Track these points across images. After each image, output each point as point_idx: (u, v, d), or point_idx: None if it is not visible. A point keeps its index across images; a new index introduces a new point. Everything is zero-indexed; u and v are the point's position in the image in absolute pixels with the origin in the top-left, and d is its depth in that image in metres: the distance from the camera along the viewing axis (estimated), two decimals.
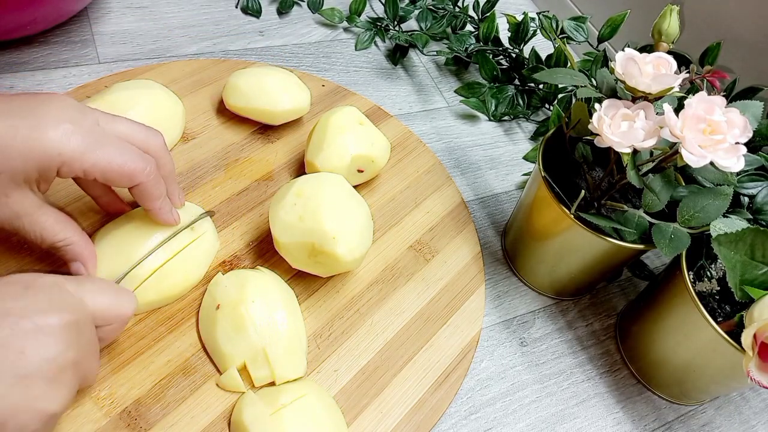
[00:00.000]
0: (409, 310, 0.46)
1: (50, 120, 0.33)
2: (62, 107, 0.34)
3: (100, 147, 0.34)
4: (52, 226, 0.36)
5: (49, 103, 0.34)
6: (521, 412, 0.45)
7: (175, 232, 0.41)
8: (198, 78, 0.56)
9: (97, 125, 0.35)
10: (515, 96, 0.65)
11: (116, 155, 0.35)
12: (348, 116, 0.49)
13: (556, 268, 0.48)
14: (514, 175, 0.60)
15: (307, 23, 0.68)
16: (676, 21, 0.42)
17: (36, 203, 0.35)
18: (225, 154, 0.52)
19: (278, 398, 0.37)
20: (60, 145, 0.33)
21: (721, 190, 0.40)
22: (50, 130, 0.32)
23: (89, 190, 0.41)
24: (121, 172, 0.35)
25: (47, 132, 0.32)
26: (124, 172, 0.35)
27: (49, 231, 0.36)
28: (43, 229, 0.35)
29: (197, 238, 0.42)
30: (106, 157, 0.34)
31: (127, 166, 0.35)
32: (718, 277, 0.43)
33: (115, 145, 0.35)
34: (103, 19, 0.60)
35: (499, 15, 0.66)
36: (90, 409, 0.37)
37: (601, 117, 0.38)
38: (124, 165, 0.35)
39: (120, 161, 0.35)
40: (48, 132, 0.32)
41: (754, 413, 0.49)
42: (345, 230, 0.41)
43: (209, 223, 0.44)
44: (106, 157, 0.34)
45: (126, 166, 0.35)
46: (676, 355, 0.43)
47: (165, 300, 0.41)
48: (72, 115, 0.34)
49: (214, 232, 0.45)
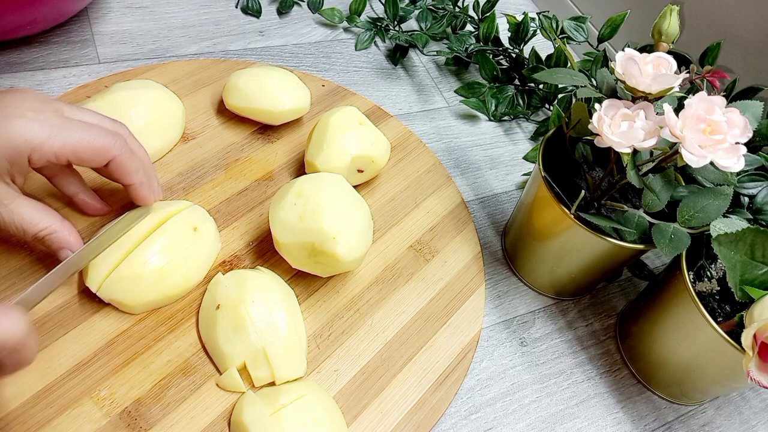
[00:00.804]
0: (409, 310, 0.46)
1: (12, 111, 0.33)
2: (23, 98, 0.34)
3: (67, 129, 0.34)
4: (30, 215, 0.35)
5: (9, 97, 0.34)
6: (521, 412, 0.45)
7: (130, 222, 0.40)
8: (198, 78, 0.56)
9: (61, 113, 0.35)
10: (515, 96, 0.65)
11: (84, 133, 0.35)
12: (348, 116, 0.49)
13: (556, 268, 0.48)
14: (514, 175, 0.60)
15: (307, 23, 0.68)
16: (676, 21, 0.42)
17: (11, 194, 0.34)
18: (225, 154, 0.52)
19: (278, 398, 0.37)
20: (26, 131, 0.33)
21: (721, 190, 0.40)
22: (14, 119, 0.33)
23: (64, 186, 0.40)
24: (93, 147, 0.35)
25: (12, 121, 0.32)
26: (96, 146, 0.35)
27: (28, 221, 0.35)
28: (23, 220, 0.35)
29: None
30: (75, 136, 0.34)
31: (96, 140, 0.35)
32: (718, 277, 0.43)
33: (81, 126, 0.35)
34: (103, 19, 0.60)
35: (499, 15, 0.66)
36: (90, 409, 0.37)
37: (601, 117, 0.38)
38: (94, 140, 0.35)
39: (89, 137, 0.35)
40: (12, 121, 0.33)
41: (754, 413, 0.49)
42: (345, 230, 0.41)
43: (212, 224, 0.44)
44: (75, 136, 0.34)
45: (96, 141, 0.35)
46: (676, 355, 0.43)
47: (165, 300, 0.41)
48: (34, 105, 0.34)
49: (216, 232, 0.45)
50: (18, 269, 0.41)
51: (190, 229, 0.42)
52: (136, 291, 0.39)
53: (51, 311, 0.40)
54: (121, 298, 0.39)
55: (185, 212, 0.43)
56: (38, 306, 0.40)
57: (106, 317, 0.40)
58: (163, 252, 0.40)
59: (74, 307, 0.40)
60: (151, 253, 0.39)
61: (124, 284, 0.39)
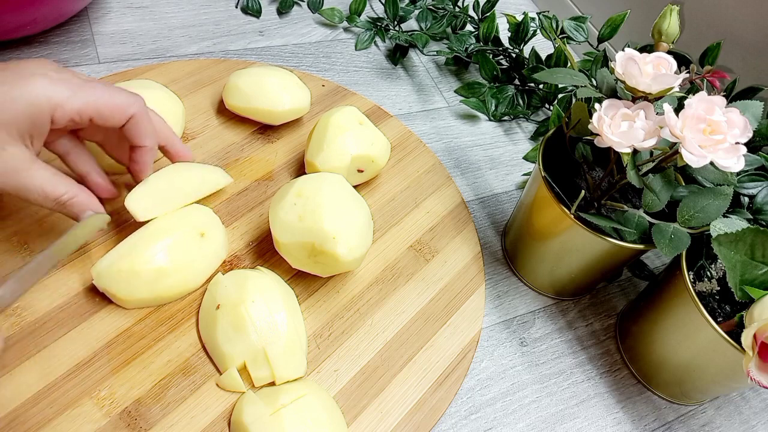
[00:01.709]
0: (409, 310, 0.46)
1: (33, 71, 0.34)
2: (42, 63, 0.35)
3: (88, 88, 0.35)
4: (50, 179, 0.35)
5: (28, 62, 0.35)
6: (521, 412, 0.45)
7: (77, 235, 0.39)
8: (198, 78, 0.56)
9: (79, 76, 0.36)
10: (515, 96, 0.65)
11: (105, 91, 0.36)
12: (348, 116, 0.49)
13: (556, 268, 0.48)
14: (514, 175, 0.60)
15: (307, 23, 0.68)
16: (676, 21, 0.42)
17: (31, 157, 0.35)
18: (225, 154, 0.52)
19: (278, 398, 0.37)
20: (48, 89, 0.33)
21: (721, 190, 0.40)
22: (36, 77, 0.33)
23: (78, 165, 0.40)
24: (114, 104, 0.36)
25: (34, 80, 0.33)
26: (117, 103, 0.36)
27: (49, 184, 0.35)
28: (43, 183, 0.35)
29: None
30: (96, 94, 0.35)
31: (117, 97, 0.36)
32: (718, 277, 0.43)
33: (101, 86, 0.36)
34: (103, 19, 0.60)
35: (499, 15, 0.66)
36: (90, 409, 0.37)
37: (601, 117, 0.38)
38: (115, 97, 0.36)
39: (110, 94, 0.36)
40: (35, 80, 0.33)
41: (754, 413, 0.49)
42: (345, 230, 0.41)
43: (220, 233, 0.44)
44: (97, 93, 0.35)
45: (117, 98, 0.36)
46: (676, 355, 0.43)
47: (159, 300, 0.41)
48: (53, 67, 0.35)
49: (222, 241, 0.44)
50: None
51: (197, 234, 0.42)
52: (131, 286, 0.39)
53: (51, 311, 0.40)
54: (114, 291, 0.39)
55: (197, 216, 0.43)
56: (38, 306, 0.40)
57: (106, 317, 0.40)
58: (165, 253, 0.40)
59: (74, 307, 0.40)
60: (153, 251, 0.39)
61: (120, 278, 0.39)
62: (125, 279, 0.39)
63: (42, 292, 0.40)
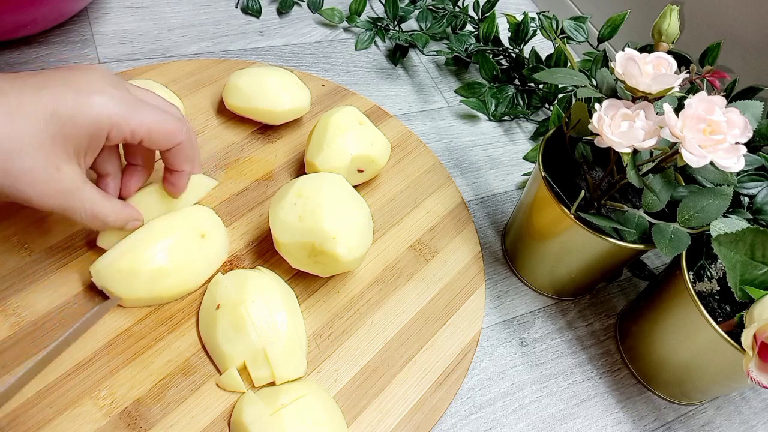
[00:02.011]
0: (409, 310, 0.46)
1: (94, 86, 0.34)
2: (99, 77, 0.35)
3: (141, 109, 0.35)
4: (100, 201, 0.36)
5: (87, 74, 0.34)
6: (521, 412, 0.45)
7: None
8: (198, 78, 0.56)
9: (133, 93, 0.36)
10: (515, 96, 0.65)
11: (157, 115, 0.36)
12: (348, 116, 0.49)
13: (556, 268, 0.48)
14: (514, 175, 0.60)
15: (307, 23, 0.68)
16: (676, 21, 0.42)
17: (83, 177, 0.35)
18: (225, 154, 0.52)
19: (278, 398, 0.37)
20: (108, 108, 0.33)
21: (721, 190, 0.40)
22: (96, 95, 0.33)
23: (102, 165, 0.40)
24: (165, 130, 0.36)
25: (94, 97, 0.33)
26: (168, 129, 0.36)
27: (99, 207, 0.36)
28: (93, 205, 0.35)
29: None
30: (151, 117, 0.35)
31: (169, 124, 0.36)
32: (718, 277, 0.43)
33: (155, 108, 0.36)
34: (103, 19, 0.60)
35: (499, 15, 0.66)
36: (90, 409, 0.37)
37: (601, 117, 0.38)
38: (167, 123, 0.36)
39: (163, 120, 0.36)
40: (95, 97, 0.33)
41: (754, 413, 0.49)
42: (345, 230, 0.41)
43: (221, 234, 0.44)
44: (150, 117, 0.35)
45: (169, 124, 0.36)
46: (676, 355, 0.43)
47: (158, 300, 0.41)
48: (111, 82, 0.35)
49: (223, 243, 0.44)
50: (18, 269, 0.41)
51: (198, 234, 0.42)
52: (129, 285, 0.39)
53: (51, 311, 0.40)
54: (112, 289, 0.39)
55: (198, 216, 0.43)
56: (38, 306, 0.40)
57: (106, 317, 0.40)
58: (165, 253, 0.40)
59: (74, 307, 0.40)
60: (153, 251, 0.39)
61: (119, 276, 0.39)
62: (125, 278, 0.39)
63: (42, 292, 0.40)
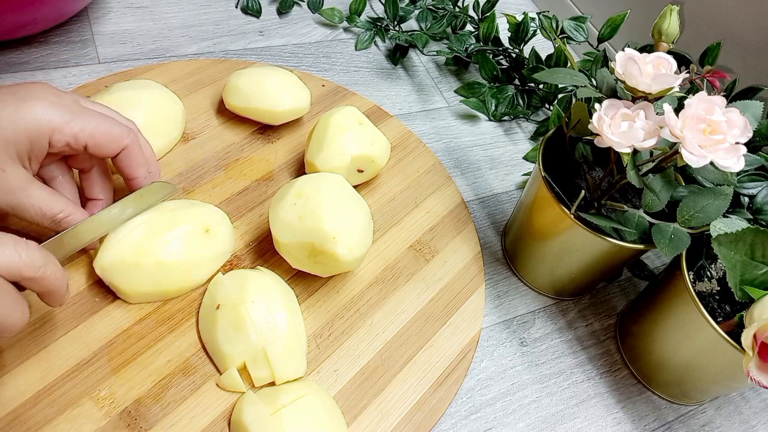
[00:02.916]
0: (409, 310, 0.46)
1: (34, 95, 0.35)
2: (42, 88, 0.36)
3: (86, 115, 0.36)
4: (47, 198, 0.36)
5: (29, 86, 0.36)
6: (521, 412, 0.45)
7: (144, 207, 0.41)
8: (198, 78, 0.56)
9: (78, 102, 0.37)
10: (515, 96, 0.65)
11: (102, 121, 0.37)
12: (348, 116, 0.49)
13: (556, 268, 0.48)
14: (514, 175, 0.60)
15: (307, 23, 0.68)
16: (676, 21, 0.42)
17: (28, 177, 0.36)
18: (225, 154, 0.52)
19: (278, 398, 0.37)
20: (48, 113, 0.35)
21: (721, 190, 0.40)
22: (38, 102, 0.35)
23: (81, 164, 0.41)
24: (109, 134, 0.37)
25: (35, 104, 0.34)
26: (112, 134, 0.37)
27: (46, 203, 0.36)
28: (40, 201, 0.36)
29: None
30: (93, 122, 0.36)
31: (113, 128, 0.37)
32: (718, 277, 0.43)
33: (98, 114, 0.37)
34: (103, 19, 0.60)
35: (499, 15, 0.66)
36: (90, 409, 0.37)
37: (601, 117, 0.38)
38: (111, 128, 0.37)
39: (106, 124, 0.37)
40: (36, 102, 0.35)
41: (754, 413, 0.49)
42: (345, 230, 0.41)
43: (226, 228, 0.44)
44: (94, 122, 0.36)
45: (112, 129, 0.37)
46: (676, 355, 0.43)
47: (164, 295, 0.41)
48: (53, 92, 0.36)
49: (228, 237, 0.44)
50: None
51: (202, 230, 0.42)
52: (135, 280, 0.39)
53: (51, 311, 0.40)
54: (118, 284, 0.39)
55: (202, 211, 0.43)
56: (38, 306, 0.40)
57: (106, 317, 0.40)
58: (168, 247, 0.40)
59: (74, 307, 0.40)
60: (157, 245, 0.39)
61: (125, 271, 0.39)
62: (130, 273, 0.39)
63: None
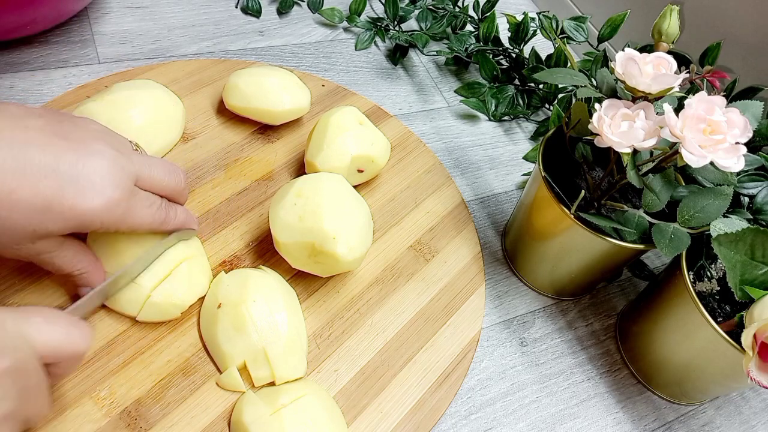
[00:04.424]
0: (409, 310, 0.46)
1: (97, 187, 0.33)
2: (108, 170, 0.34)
3: (134, 210, 0.36)
4: (71, 258, 0.36)
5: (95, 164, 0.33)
6: (521, 412, 0.45)
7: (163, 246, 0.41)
8: (198, 78, 0.56)
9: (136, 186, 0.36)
10: (515, 96, 0.65)
11: (146, 216, 0.37)
12: (348, 116, 0.49)
13: (556, 268, 0.48)
14: (514, 175, 0.60)
15: (307, 23, 0.68)
16: (676, 21, 0.42)
17: (58, 242, 0.35)
18: (225, 154, 0.52)
19: (278, 398, 0.37)
20: (102, 213, 0.34)
21: (721, 190, 0.40)
22: (96, 199, 0.33)
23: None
24: (147, 226, 0.38)
25: (93, 201, 0.33)
26: (151, 226, 0.38)
27: (68, 263, 0.36)
28: (63, 263, 0.36)
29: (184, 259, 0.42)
30: (138, 220, 0.36)
31: (154, 222, 0.38)
32: (718, 277, 0.43)
33: (145, 205, 0.37)
34: (103, 19, 0.60)
35: (499, 15, 0.66)
36: (90, 409, 0.37)
37: (601, 117, 0.38)
38: (152, 223, 0.38)
39: (149, 221, 0.37)
40: (94, 201, 0.33)
41: (754, 413, 0.49)
42: (345, 230, 0.41)
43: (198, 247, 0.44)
44: (138, 220, 0.36)
45: (153, 224, 0.38)
46: (676, 355, 0.43)
47: (167, 317, 0.41)
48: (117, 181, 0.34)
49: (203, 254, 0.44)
50: (18, 269, 0.41)
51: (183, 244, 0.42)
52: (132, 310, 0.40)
53: None
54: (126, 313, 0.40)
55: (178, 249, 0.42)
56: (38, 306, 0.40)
57: (106, 317, 0.40)
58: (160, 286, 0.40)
59: None
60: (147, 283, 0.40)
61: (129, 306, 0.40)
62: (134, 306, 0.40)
63: (42, 292, 0.40)
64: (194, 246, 0.43)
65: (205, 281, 0.42)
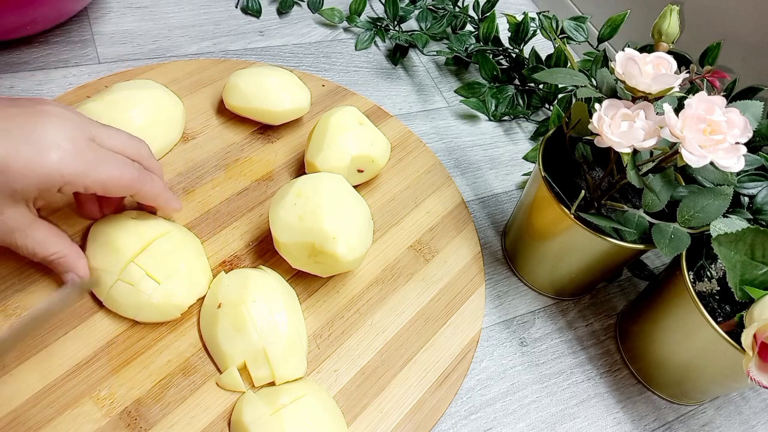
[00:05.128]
0: (409, 310, 0.46)
1: (51, 141, 0.33)
2: (61, 126, 0.34)
3: (98, 164, 0.35)
4: (43, 240, 0.36)
5: (47, 122, 0.34)
6: (521, 412, 0.45)
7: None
8: (198, 78, 0.56)
9: (93, 142, 0.36)
10: (515, 96, 0.65)
11: (113, 170, 0.36)
12: (348, 116, 0.49)
13: (556, 268, 0.48)
14: (514, 175, 0.60)
15: (307, 23, 0.68)
16: (676, 21, 0.42)
17: (29, 218, 0.36)
18: (225, 154, 0.52)
19: (278, 398, 0.37)
20: (61, 166, 0.34)
21: (721, 190, 0.40)
22: (52, 152, 0.33)
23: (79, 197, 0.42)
24: (120, 184, 0.37)
25: (49, 155, 0.33)
26: (122, 184, 0.37)
27: (41, 245, 0.36)
28: (35, 244, 0.36)
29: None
30: (105, 173, 0.36)
31: (124, 178, 0.37)
32: (718, 277, 0.43)
33: (111, 160, 0.36)
34: (103, 19, 0.60)
35: (499, 15, 0.66)
36: (90, 409, 0.37)
37: (601, 117, 0.38)
38: (122, 177, 0.37)
39: (117, 174, 0.36)
40: (50, 154, 0.33)
41: (754, 413, 0.49)
42: (345, 230, 0.41)
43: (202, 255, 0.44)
44: (106, 173, 0.36)
45: (123, 178, 0.37)
46: (676, 355, 0.43)
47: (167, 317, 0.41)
48: (71, 134, 0.34)
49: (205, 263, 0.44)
50: (18, 269, 0.41)
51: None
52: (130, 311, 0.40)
53: None
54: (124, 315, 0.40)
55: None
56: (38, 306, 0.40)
57: (106, 317, 0.40)
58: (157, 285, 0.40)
59: (74, 307, 0.40)
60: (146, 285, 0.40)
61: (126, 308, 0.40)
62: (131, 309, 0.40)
63: (42, 292, 0.40)
64: (190, 242, 0.43)
65: (205, 281, 0.42)
